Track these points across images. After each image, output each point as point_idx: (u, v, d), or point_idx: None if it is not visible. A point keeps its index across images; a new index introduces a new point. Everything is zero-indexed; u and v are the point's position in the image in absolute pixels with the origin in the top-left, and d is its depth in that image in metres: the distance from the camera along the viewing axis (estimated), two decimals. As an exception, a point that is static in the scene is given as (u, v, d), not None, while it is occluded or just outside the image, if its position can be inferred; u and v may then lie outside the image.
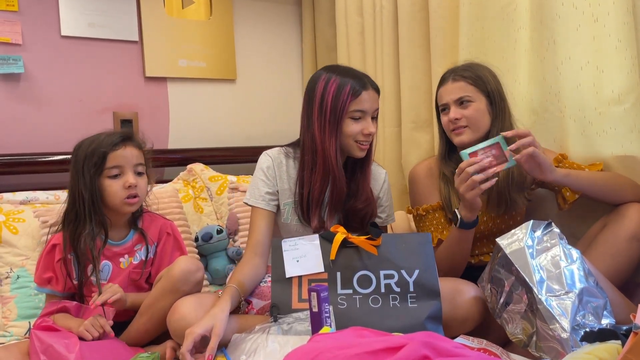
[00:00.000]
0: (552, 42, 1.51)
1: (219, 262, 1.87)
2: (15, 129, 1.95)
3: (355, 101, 1.36)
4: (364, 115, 1.38)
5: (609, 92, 1.43)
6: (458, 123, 1.46)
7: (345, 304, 1.24)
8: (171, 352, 1.30)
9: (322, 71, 1.44)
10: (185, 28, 2.28)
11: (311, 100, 1.41)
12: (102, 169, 1.35)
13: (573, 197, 1.43)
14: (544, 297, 1.08)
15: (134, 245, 1.45)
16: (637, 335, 0.80)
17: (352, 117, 1.38)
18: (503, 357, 1.12)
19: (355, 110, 1.37)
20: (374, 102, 1.40)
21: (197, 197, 2.01)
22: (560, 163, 1.46)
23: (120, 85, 2.15)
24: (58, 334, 1.24)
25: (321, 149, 1.38)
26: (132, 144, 1.40)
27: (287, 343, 1.10)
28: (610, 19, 1.40)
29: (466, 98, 1.45)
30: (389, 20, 2.04)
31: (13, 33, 1.93)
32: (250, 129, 2.46)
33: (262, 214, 1.43)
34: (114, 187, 1.35)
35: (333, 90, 1.37)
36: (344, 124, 1.38)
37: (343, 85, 1.37)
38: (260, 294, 1.36)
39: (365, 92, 1.37)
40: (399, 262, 1.27)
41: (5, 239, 1.60)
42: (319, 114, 1.39)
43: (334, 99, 1.37)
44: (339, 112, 1.37)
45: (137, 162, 1.40)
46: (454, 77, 1.48)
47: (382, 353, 0.79)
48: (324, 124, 1.38)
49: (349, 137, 1.38)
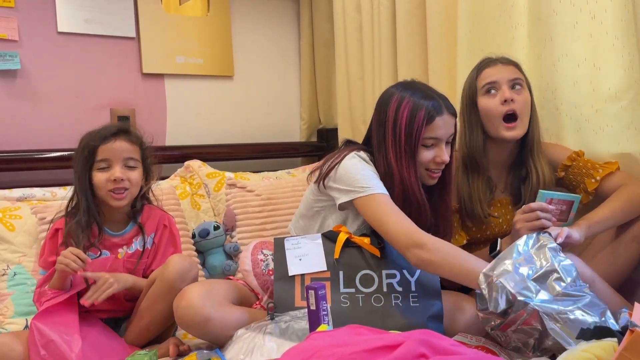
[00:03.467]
0: (549, 39, 1.51)
1: (217, 258, 1.87)
2: (11, 125, 1.95)
3: (429, 128, 1.27)
4: (438, 142, 1.30)
5: (605, 89, 1.42)
6: (512, 105, 1.35)
7: (347, 303, 1.24)
8: (174, 348, 1.31)
9: (394, 89, 1.34)
10: (182, 24, 2.27)
11: (383, 121, 1.32)
12: (93, 161, 1.38)
13: (586, 199, 1.40)
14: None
15: (133, 237, 1.46)
16: (633, 333, 0.80)
17: (424, 145, 1.29)
18: (501, 354, 1.12)
19: (429, 137, 1.28)
20: (450, 128, 1.31)
21: (194, 194, 2.01)
22: (574, 161, 1.42)
23: (117, 81, 2.14)
24: (59, 328, 1.22)
25: (398, 177, 1.29)
26: (124, 137, 1.42)
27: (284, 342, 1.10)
28: (608, 16, 1.39)
29: (520, 82, 1.38)
30: (386, 16, 2.04)
31: (9, 29, 1.92)
32: (247, 126, 2.45)
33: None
34: (100, 179, 1.38)
35: (407, 114, 1.28)
36: (417, 151, 1.29)
37: (417, 109, 1.27)
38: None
39: (440, 117, 1.27)
40: (401, 262, 1.27)
41: (2, 235, 1.60)
42: (393, 139, 1.29)
43: (408, 125, 1.27)
44: (413, 139, 1.27)
45: (128, 156, 1.41)
46: (503, 61, 1.41)
47: (379, 351, 0.79)
48: (399, 150, 1.29)
49: (420, 165, 1.31)
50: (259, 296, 1.42)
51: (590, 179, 1.39)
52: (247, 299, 1.40)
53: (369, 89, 2.17)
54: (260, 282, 1.39)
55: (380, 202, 1.26)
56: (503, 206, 1.50)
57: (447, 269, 1.18)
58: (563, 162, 1.44)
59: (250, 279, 1.41)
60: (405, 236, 1.21)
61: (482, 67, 1.44)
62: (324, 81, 2.55)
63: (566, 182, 1.46)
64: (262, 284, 1.39)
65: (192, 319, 1.21)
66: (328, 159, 1.37)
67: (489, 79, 1.40)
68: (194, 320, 1.21)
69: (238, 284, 1.45)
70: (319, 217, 1.43)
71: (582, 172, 1.41)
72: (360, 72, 2.20)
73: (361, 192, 1.27)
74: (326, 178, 1.34)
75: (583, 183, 1.41)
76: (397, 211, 1.25)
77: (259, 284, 1.39)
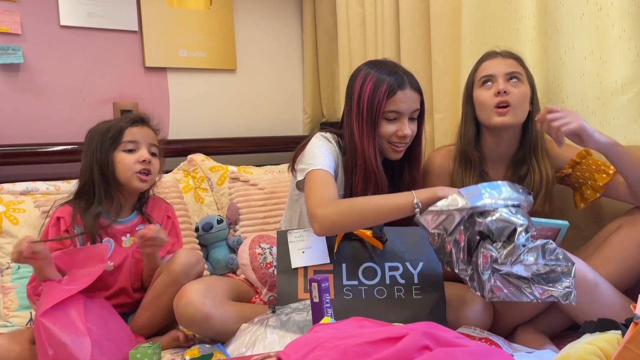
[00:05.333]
0: (555, 32, 1.49)
1: (220, 251, 1.87)
2: (14, 119, 1.95)
3: (391, 101, 1.30)
4: (400, 116, 1.32)
5: (612, 82, 1.41)
6: (505, 97, 1.35)
7: (350, 295, 1.24)
8: (182, 334, 1.33)
9: (363, 65, 1.38)
10: (185, 18, 2.26)
11: (350, 96, 1.36)
12: (119, 142, 1.39)
13: (594, 196, 1.38)
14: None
15: (137, 225, 1.46)
16: (637, 326, 0.80)
17: (386, 118, 1.32)
18: (505, 346, 1.12)
19: (391, 111, 1.31)
20: (412, 103, 1.33)
21: (197, 188, 2.01)
22: (583, 158, 1.41)
23: (120, 75, 2.14)
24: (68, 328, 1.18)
25: (360, 150, 1.33)
26: (148, 125, 1.45)
27: (285, 334, 1.10)
28: (615, 8, 1.38)
29: (517, 75, 1.38)
30: (390, 10, 2.03)
31: (12, 23, 1.92)
32: (250, 119, 2.45)
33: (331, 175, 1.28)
34: (128, 160, 1.38)
35: (369, 88, 1.31)
36: (379, 124, 1.32)
37: (379, 84, 1.30)
38: (273, 284, 1.36)
39: (402, 92, 1.31)
40: (404, 255, 1.28)
41: (6, 229, 1.60)
42: (357, 112, 1.33)
43: (370, 99, 1.30)
44: (374, 112, 1.30)
45: (152, 143, 1.44)
46: (503, 54, 1.41)
47: (382, 343, 0.79)
48: (362, 123, 1.32)
49: (383, 138, 1.33)
50: (258, 290, 1.42)
51: (602, 174, 1.37)
52: (246, 294, 1.41)
53: (373, 83, 2.16)
54: (258, 276, 1.39)
55: (313, 177, 1.27)
56: None
57: (356, 215, 1.18)
58: (572, 158, 1.42)
59: (248, 273, 1.41)
60: (312, 205, 1.21)
61: (482, 60, 1.44)
62: (326, 75, 2.54)
63: (572, 179, 1.43)
64: (261, 277, 1.39)
65: (192, 316, 1.22)
66: (300, 145, 1.41)
67: (486, 71, 1.40)
68: (194, 317, 1.22)
69: (236, 280, 1.46)
70: (298, 206, 1.46)
71: (591, 168, 1.39)
72: (363, 66, 2.19)
73: (307, 169, 1.30)
74: (295, 162, 1.38)
75: (592, 179, 1.38)
76: (322, 184, 1.25)
77: (257, 278, 1.39)
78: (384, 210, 1.17)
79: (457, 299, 1.27)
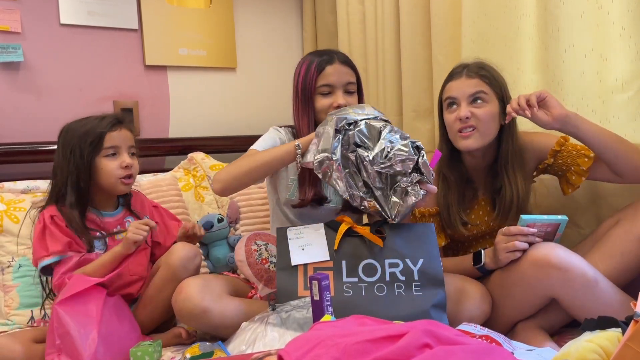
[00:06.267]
0: (555, 29, 1.49)
1: (220, 250, 1.86)
2: (15, 118, 1.95)
3: (321, 76, 1.41)
4: (333, 89, 1.42)
5: (612, 80, 1.41)
6: (467, 122, 1.35)
7: (350, 292, 1.24)
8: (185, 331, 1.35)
9: (305, 55, 1.50)
10: (185, 16, 2.26)
11: (293, 85, 1.48)
12: (100, 148, 1.39)
13: (579, 181, 1.38)
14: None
15: (124, 217, 1.49)
16: (637, 324, 0.80)
17: (321, 93, 1.42)
18: (505, 344, 1.13)
19: (322, 85, 1.41)
20: (343, 75, 1.42)
21: (197, 186, 2.01)
22: (562, 146, 1.41)
23: (120, 73, 2.14)
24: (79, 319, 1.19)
25: (298, 128, 1.45)
26: (126, 126, 1.45)
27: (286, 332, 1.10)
28: (615, 6, 1.38)
29: (481, 96, 1.36)
30: (390, 8, 2.02)
31: (12, 21, 1.91)
32: (251, 118, 2.45)
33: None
34: (111, 166, 1.39)
35: (303, 70, 1.44)
36: (315, 101, 1.42)
37: (310, 64, 1.43)
38: (269, 279, 1.37)
39: (330, 66, 1.42)
40: (404, 251, 1.27)
41: (7, 228, 1.60)
42: (295, 95, 1.47)
43: (304, 79, 1.43)
44: (307, 90, 1.42)
45: (131, 144, 1.45)
46: (468, 73, 1.39)
47: (383, 341, 0.79)
48: (298, 104, 1.45)
49: (320, 112, 1.42)
50: (253, 286, 1.42)
51: (583, 158, 1.37)
52: (242, 290, 1.43)
53: (372, 81, 2.16)
54: (254, 271, 1.40)
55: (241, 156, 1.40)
56: (481, 208, 1.50)
57: (244, 165, 1.32)
58: (552, 147, 1.41)
59: (244, 269, 1.42)
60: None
61: (448, 80, 1.45)
62: (327, 73, 2.53)
63: (555, 167, 1.43)
64: (256, 272, 1.39)
65: (190, 311, 1.23)
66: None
67: (449, 93, 1.42)
68: (192, 312, 1.23)
69: (232, 277, 1.48)
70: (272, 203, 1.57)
71: (572, 154, 1.39)
72: (363, 64, 2.18)
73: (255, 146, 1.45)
74: None
75: (575, 164, 1.38)
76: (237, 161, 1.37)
77: (253, 273, 1.40)
78: (270, 157, 1.32)
79: (456, 291, 1.29)
